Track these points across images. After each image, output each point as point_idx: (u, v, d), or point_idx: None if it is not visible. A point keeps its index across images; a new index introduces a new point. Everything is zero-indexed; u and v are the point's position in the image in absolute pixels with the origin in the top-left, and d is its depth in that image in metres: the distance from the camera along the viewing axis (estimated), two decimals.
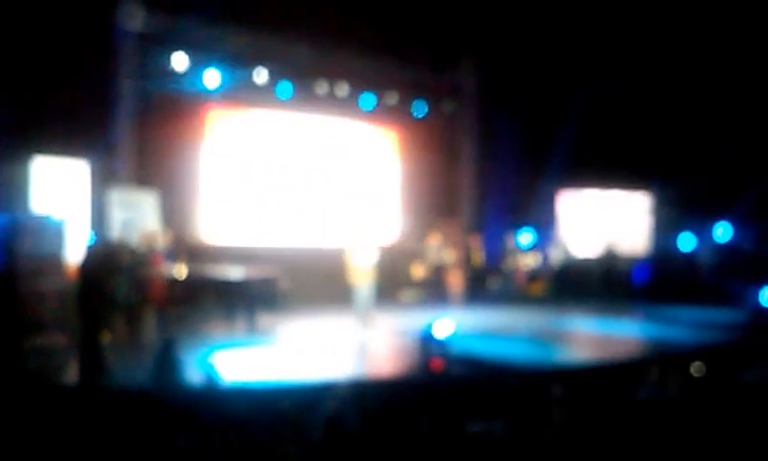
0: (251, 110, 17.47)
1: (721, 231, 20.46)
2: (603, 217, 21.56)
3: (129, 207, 14.34)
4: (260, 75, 16.73)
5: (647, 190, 21.50)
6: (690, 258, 20.50)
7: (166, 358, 8.90)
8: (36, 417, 7.56)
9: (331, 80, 17.91)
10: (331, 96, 18.02)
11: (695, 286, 18.85)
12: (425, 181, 20.05)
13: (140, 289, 12.08)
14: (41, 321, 10.31)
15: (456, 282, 18.55)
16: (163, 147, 15.67)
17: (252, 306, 13.43)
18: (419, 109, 19.52)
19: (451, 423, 7.76)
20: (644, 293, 19.22)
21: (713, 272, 19.76)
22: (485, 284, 19.47)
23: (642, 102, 19.53)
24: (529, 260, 19.97)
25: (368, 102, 18.58)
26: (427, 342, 10.23)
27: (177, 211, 15.63)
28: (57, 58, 13.57)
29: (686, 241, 20.65)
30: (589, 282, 19.83)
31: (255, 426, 7.35)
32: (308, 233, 18.37)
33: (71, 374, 9.93)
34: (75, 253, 10.86)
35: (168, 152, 15.83)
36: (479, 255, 19.67)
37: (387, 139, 19.86)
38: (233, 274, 13.77)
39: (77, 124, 13.75)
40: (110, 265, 10.59)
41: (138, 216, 14.31)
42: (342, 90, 18.07)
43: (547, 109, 19.45)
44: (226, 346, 11.90)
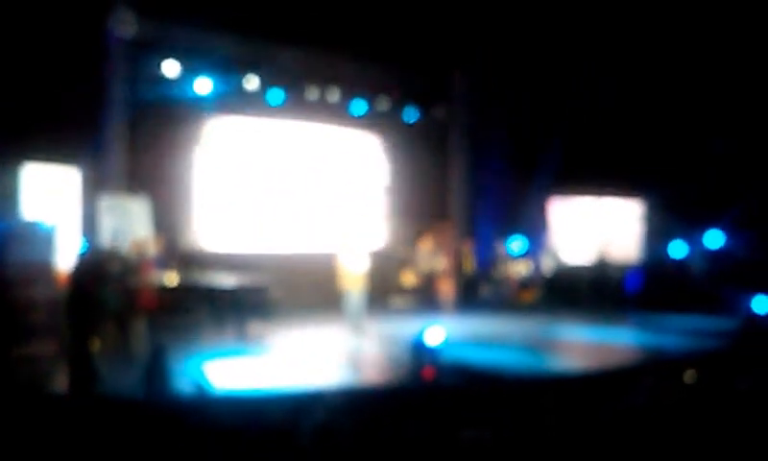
0: (242, 117, 17.42)
1: (712, 239, 20.48)
2: (594, 224, 21.57)
3: (120, 214, 14.27)
4: (251, 82, 16.70)
5: (639, 197, 21.52)
6: (682, 266, 20.52)
7: (156, 366, 8.86)
8: (25, 425, 7.51)
9: (322, 86, 17.90)
10: (322, 102, 18.00)
11: (687, 294, 18.84)
12: (416, 188, 20.02)
13: (130, 297, 12.01)
14: (31, 328, 10.26)
15: (447, 290, 18.54)
16: (154, 154, 15.60)
17: (243, 314, 13.39)
18: (410, 115, 19.52)
19: (443, 431, 7.73)
20: (636, 300, 19.22)
21: (705, 279, 19.77)
22: (476, 292, 19.44)
23: (634, 109, 19.55)
24: (520, 268, 19.96)
25: (359, 108, 18.57)
26: (418, 350, 10.21)
27: (167, 218, 15.56)
28: (48, 64, 13.51)
29: (678, 248, 20.67)
30: (581, 290, 19.84)
31: (246, 435, 7.30)
32: (299, 240, 18.31)
33: (60, 382, 9.86)
34: (65, 260, 10.81)
35: (159, 159, 15.77)
36: (470, 263, 19.66)
37: (378, 145, 19.83)
38: (224, 281, 13.73)
39: (68, 130, 13.68)
40: (101, 273, 10.53)
41: (129, 223, 14.24)
42: (333, 96, 18.06)
43: (539, 115, 19.46)
44: (216, 354, 11.85)
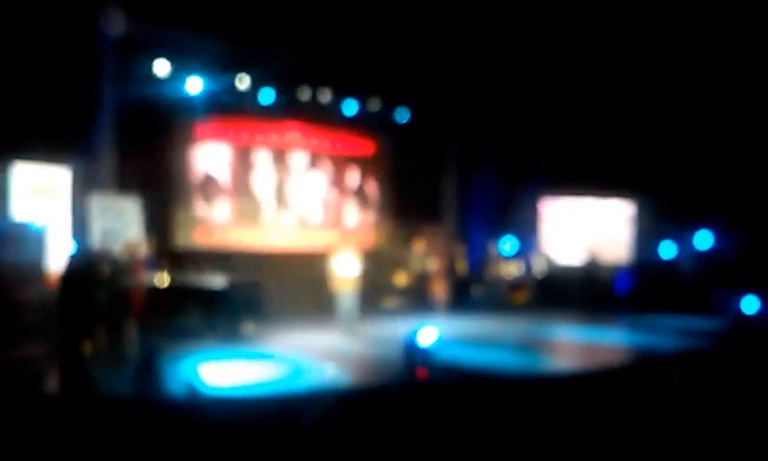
0: (233, 117, 17.39)
1: (701, 240, 20.57)
2: (585, 225, 21.63)
3: (111, 214, 14.22)
4: (243, 81, 16.67)
5: (629, 198, 21.59)
6: (672, 266, 20.60)
7: (148, 367, 8.85)
8: (17, 426, 7.49)
9: (314, 86, 17.89)
10: (314, 102, 17.99)
11: (676, 294, 18.94)
12: (408, 189, 20.03)
13: (122, 298, 11.98)
14: (22, 329, 10.23)
15: (439, 290, 18.56)
16: (145, 154, 15.55)
17: (235, 315, 13.37)
18: (401, 116, 19.53)
19: (435, 431, 7.75)
20: (626, 301, 19.30)
21: (694, 280, 19.86)
22: (468, 292, 19.48)
23: (625, 110, 19.60)
24: (512, 268, 20.01)
25: (350, 108, 18.57)
26: (411, 350, 10.23)
27: (159, 218, 15.53)
28: (39, 63, 13.46)
29: (667, 249, 20.75)
30: (572, 290, 19.89)
31: (238, 435, 7.30)
32: (292, 240, 18.31)
33: (52, 383, 9.83)
34: (56, 261, 10.78)
35: (150, 158, 15.72)
36: (462, 263, 19.69)
37: (370, 145, 19.84)
38: (216, 282, 13.72)
39: (58, 130, 13.62)
40: (92, 274, 10.49)
41: (120, 223, 14.19)
42: (324, 96, 18.05)
43: (530, 117, 19.50)
44: (208, 355, 11.83)
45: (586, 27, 18.57)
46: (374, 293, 17.65)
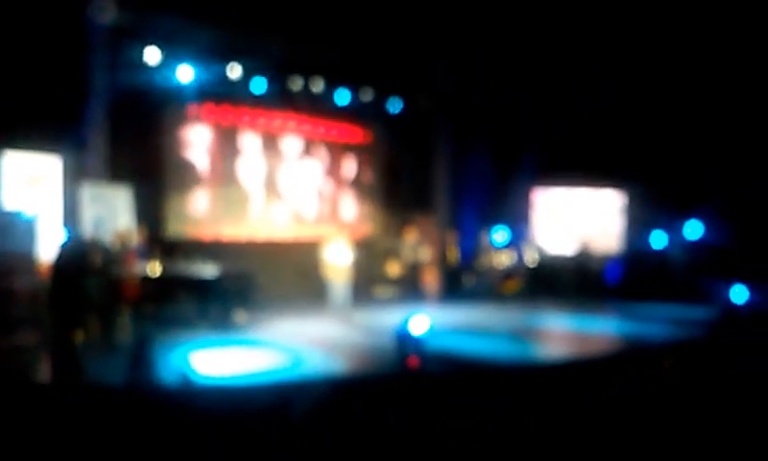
0: (225, 106, 17.36)
1: (691, 229, 20.63)
2: (577, 215, 21.67)
3: (102, 203, 14.18)
4: (234, 70, 16.62)
5: (621, 188, 21.63)
6: (662, 256, 20.66)
7: (140, 356, 8.84)
8: (8, 416, 7.48)
9: (306, 75, 17.85)
10: (306, 92, 17.96)
11: (667, 283, 19.01)
12: (400, 178, 20.04)
13: (114, 287, 11.97)
14: (13, 319, 10.19)
15: (431, 280, 18.59)
16: (136, 142, 15.52)
17: (227, 303, 13.38)
18: (394, 106, 19.52)
19: (427, 419, 7.77)
20: (617, 290, 19.37)
21: (684, 269, 19.93)
22: (460, 282, 19.52)
23: (616, 100, 19.62)
24: (504, 258, 20.04)
25: (343, 98, 18.55)
26: (403, 339, 10.25)
27: (150, 207, 15.50)
28: (29, 52, 13.39)
29: (658, 239, 20.81)
30: (563, 280, 19.95)
31: (230, 424, 7.31)
32: (284, 229, 18.31)
33: (43, 373, 9.82)
34: (47, 250, 10.74)
35: (141, 147, 15.68)
36: (454, 253, 19.72)
37: (362, 135, 19.83)
38: (208, 271, 13.71)
39: (49, 118, 13.57)
40: (83, 263, 10.47)
41: (112, 212, 14.16)
42: (317, 86, 18.02)
43: (522, 107, 19.51)
44: (200, 343, 11.84)
45: (578, 18, 18.57)
46: (367, 282, 17.68)
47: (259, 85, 17.08)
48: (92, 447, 6.92)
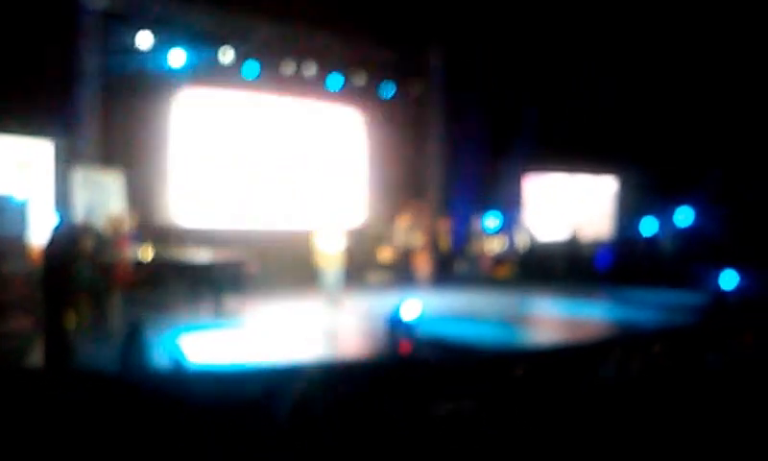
0: (216, 90, 17.31)
1: (682, 216, 20.69)
2: (568, 201, 21.72)
3: (93, 188, 14.15)
4: (226, 54, 16.57)
5: (612, 174, 21.68)
6: (652, 242, 20.74)
7: (132, 341, 8.85)
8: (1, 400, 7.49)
9: (298, 60, 17.80)
10: (298, 76, 17.91)
11: (657, 270, 19.09)
12: (393, 163, 20.02)
13: (106, 272, 11.95)
14: (5, 304, 10.18)
15: (424, 265, 18.61)
16: (128, 127, 15.48)
17: (219, 289, 13.37)
18: (386, 91, 19.49)
19: (419, 404, 7.80)
20: (607, 276, 19.43)
21: (675, 255, 20.02)
22: (452, 267, 19.55)
23: (608, 87, 19.65)
24: (495, 244, 20.08)
25: (335, 82, 18.50)
26: (395, 325, 10.27)
27: (142, 192, 15.47)
28: (19, 36, 13.34)
29: (648, 225, 20.87)
30: (554, 266, 20.02)
31: (222, 410, 7.33)
32: (276, 215, 18.30)
33: (36, 357, 9.82)
34: (39, 235, 10.73)
35: (133, 131, 15.64)
36: (445, 239, 19.74)
37: (354, 120, 19.80)
38: (200, 257, 13.70)
39: (40, 103, 13.54)
40: (75, 248, 10.46)
41: (103, 197, 14.13)
42: (309, 70, 17.97)
43: (514, 92, 19.51)
44: (193, 329, 11.85)
45: (571, 2, 18.56)
46: (359, 268, 17.69)
47: (251, 70, 17.03)
48: (84, 431, 6.93)
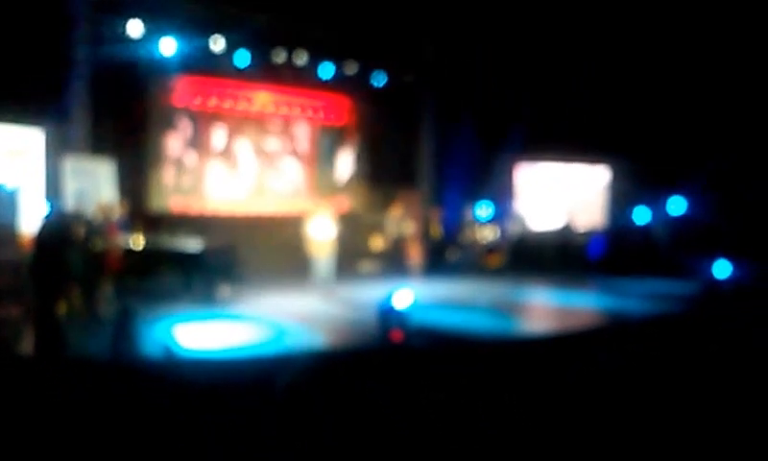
0: (207, 79, 17.24)
1: (675, 205, 20.72)
2: (560, 190, 21.72)
3: (84, 176, 14.11)
4: (217, 43, 16.48)
5: (605, 163, 21.68)
6: (645, 231, 20.75)
7: (124, 329, 8.83)
8: None
9: (290, 48, 17.73)
10: (290, 65, 17.85)
11: (650, 259, 19.11)
12: (384, 152, 19.99)
13: (96, 260, 11.92)
14: None
15: (415, 254, 18.61)
16: (119, 115, 15.43)
17: (211, 277, 13.35)
18: (378, 80, 19.44)
19: (410, 393, 7.80)
20: (600, 265, 19.43)
21: (668, 245, 20.04)
22: (444, 256, 19.54)
23: (601, 76, 19.63)
24: (487, 233, 20.08)
25: (327, 71, 18.44)
26: (387, 313, 10.27)
27: (133, 180, 15.45)
28: (11, 24, 13.26)
29: (641, 214, 20.89)
30: (546, 255, 20.03)
31: (213, 398, 7.32)
32: (268, 203, 18.27)
33: (26, 345, 9.79)
34: (30, 223, 10.69)
35: (124, 120, 15.59)
36: (437, 228, 19.73)
37: (346, 109, 19.75)
38: (191, 244, 13.67)
39: (31, 91, 13.46)
40: (66, 236, 10.42)
41: (94, 185, 14.09)
42: (300, 59, 17.91)
43: (506, 82, 19.48)
44: (184, 317, 11.83)
45: None
46: (350, 257, 17.68)
47: (243, 58, 16.96)
48: (74, 419, 6.91)
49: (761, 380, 8.42)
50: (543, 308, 15.16)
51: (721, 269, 14.90)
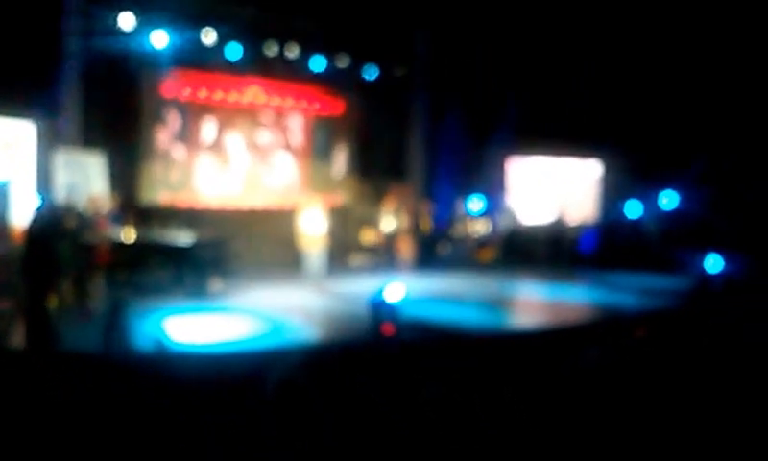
0: (199, 72, 17.19)
1: (667, 199, 20.76)
2: (552, 184, 21.74)
3: (75, 169, 14.08)
4: (209, 35, 16.43)
5: (597, 157, 21.71)
6: (637, 226, 20.79)
7: (115, 323, 8.82)
8: None
9: (281, 41, 17.69)
10: (281, 58, 17.81)
11: (641, 253, 19.14)
12: (375, 146, 19.96)
13: (88, 253, 11.90)
14: None
15: (406, 248, 18.59)
16: (110, 108, 15.39)
17: (202, 270, 13.34)
18: (370, 73, 19.41)
19: (402, 387, 7.81)
20: (591, 259, 19.47)
21: (659, 239, 20.08)
22: (435, 250, 19.54)
23: (592, 69, 19.65)
24: (479, 227, 20.08)
25: (318, 64, 18.40)
26: (378, 307, 10.29)
27: (124, 173, 15.43)
28: (1, 17, 13.19)
29: (633, 208, 20.93)
30: (538, 249, 20.05)
31: (205, 392, 7.31)
32: (259, 197, 18.25)
33: (18, 339, 9.77)
34: (21, 216, 10.66)
35: (115, 113, 15.56)
36: (428, 222, 19.72)
37: (337, 102, 19.72)
38: (182, 238, 13.65)
39: (22, 84, 13.41)
40: (57, 229, 10.40)
41: (85, 178, 14.07)
42: (292, 52, 17.86)
43: (498, 75, 19.47)
44: (175, 310, 11.82)
45: None
46: (342, 250, 17.68)
47: (234, 51, 16.91)
48: (65, 413, 6.90)
49: (753, 375, 8.44)
50: (535, 303, 15.19)
51: (713, 263, 14.95)
